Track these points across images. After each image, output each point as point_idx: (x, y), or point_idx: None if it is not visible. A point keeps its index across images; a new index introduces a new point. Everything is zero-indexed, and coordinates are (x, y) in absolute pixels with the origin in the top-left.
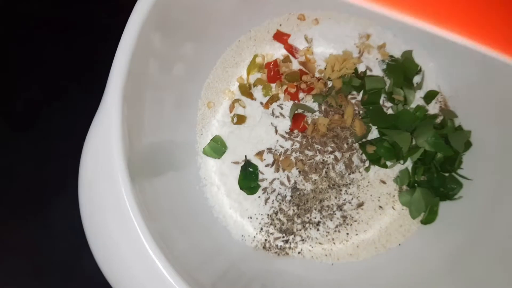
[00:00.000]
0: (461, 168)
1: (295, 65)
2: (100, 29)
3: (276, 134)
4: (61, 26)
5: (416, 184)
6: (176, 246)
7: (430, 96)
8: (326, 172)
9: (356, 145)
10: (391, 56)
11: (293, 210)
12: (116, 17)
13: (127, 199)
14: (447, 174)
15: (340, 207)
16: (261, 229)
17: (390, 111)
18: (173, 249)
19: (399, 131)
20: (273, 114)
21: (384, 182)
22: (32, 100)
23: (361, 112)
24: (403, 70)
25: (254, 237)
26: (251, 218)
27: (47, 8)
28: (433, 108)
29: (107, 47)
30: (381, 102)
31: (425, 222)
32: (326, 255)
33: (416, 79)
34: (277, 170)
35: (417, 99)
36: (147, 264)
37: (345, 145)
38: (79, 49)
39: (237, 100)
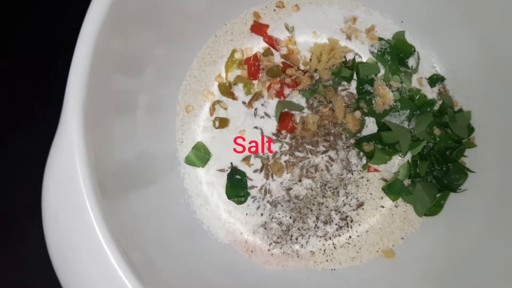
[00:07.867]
0: (465, 155)
1: (278, 59)
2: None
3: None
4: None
5: (415, 179)
6: (162, 272)
7: (435, 80)
8: (320, 175)
9: (352, 140)
10: (381, 39)
11: (288, 217)
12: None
13: (98, 230)
14: (450, 164)
15: (338, 210)
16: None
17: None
18: (159, 278)
19: (401, 128)
20: (256, 114)
21: (385, 180)
22: None
23: (350, 104)
24: (396, 53)
25: (248, 248)
26: (242, 227)
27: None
28: (430, 92)
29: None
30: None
31: (429, 213)
32: (327, 260)
33: (411, 62)
34: (266, 176)
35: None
36: None
37: (340, 143)
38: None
39: (217, 102)
